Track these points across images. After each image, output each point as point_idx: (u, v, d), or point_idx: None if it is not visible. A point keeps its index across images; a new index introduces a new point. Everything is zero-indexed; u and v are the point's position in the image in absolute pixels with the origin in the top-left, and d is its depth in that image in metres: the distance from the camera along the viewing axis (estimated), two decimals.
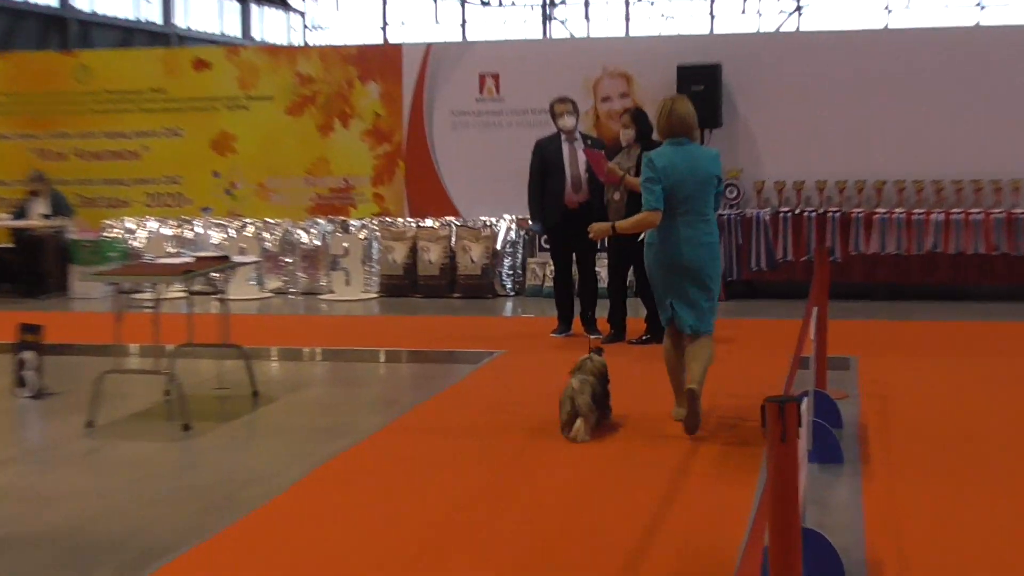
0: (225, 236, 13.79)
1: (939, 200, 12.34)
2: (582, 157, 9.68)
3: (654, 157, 6.67)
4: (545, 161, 9.87)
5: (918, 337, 10.12)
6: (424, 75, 13.92)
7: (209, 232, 13.94)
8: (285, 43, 41.74)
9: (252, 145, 14.47)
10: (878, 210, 12.24)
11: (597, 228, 7.23)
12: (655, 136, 7.63)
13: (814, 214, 12.30)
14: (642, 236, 7.26)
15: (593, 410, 6.59)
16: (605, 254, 10.17)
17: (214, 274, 8.09)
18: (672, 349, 6.85)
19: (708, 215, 6.74)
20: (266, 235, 13.84)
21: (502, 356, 9.28)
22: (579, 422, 6.53)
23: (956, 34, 13.21)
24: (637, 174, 9.07)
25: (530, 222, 10.44)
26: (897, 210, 12.20)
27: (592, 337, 9.76)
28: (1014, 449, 6.27)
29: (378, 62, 14.12)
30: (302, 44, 26.88)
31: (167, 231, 14.04)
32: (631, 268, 9.68)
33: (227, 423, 7.36)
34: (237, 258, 8.87)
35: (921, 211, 12.13)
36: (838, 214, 12.24)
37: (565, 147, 9.84)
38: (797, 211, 12.39)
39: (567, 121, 9.81)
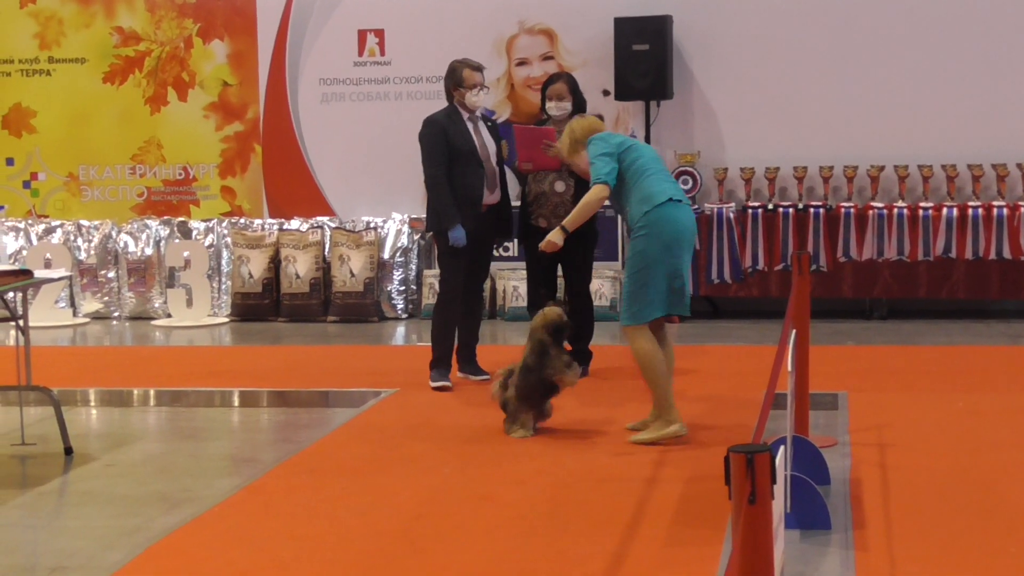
0: (24, 244, 13.69)
1: (952, 191, 12.46)
2: (491, 145, 9.54)
3: (603, 135, 7.94)
4: (453, 147, 9.42)
5: (925, 367, 10.30)
6: (286, 30, 13.89)
7: (2, 239, 13.82)
8: None
9: (58, 124, 14.32)
10: (874, 204, 12.39)
11: (551, 241, 8.03)
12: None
13: (791, 210, 12.47)
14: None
15: (511, 399, 7.93)
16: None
17: (10, 294, 8.01)
18: (657, 349, 7.66)
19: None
20: (80, 242, 13.73)
21: (392, 396, 9.30)
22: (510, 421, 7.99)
23: None
24: None
25: (443, 230, 9.45)
26: (899, 204, 12.37)
27: (476, 379, 9.61)
28: None
29: (225, 13, 14.06)
30: None
31: None
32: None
33: (29, 491, 7.27)
34: (41, 273, 8.79)
35: (929, 205, 12.30)
36: (822, 210, 12.42)
37: (470, 128, 9.55)
38: (770, 207, 12.55)
39: (478, 98, 9.52)
